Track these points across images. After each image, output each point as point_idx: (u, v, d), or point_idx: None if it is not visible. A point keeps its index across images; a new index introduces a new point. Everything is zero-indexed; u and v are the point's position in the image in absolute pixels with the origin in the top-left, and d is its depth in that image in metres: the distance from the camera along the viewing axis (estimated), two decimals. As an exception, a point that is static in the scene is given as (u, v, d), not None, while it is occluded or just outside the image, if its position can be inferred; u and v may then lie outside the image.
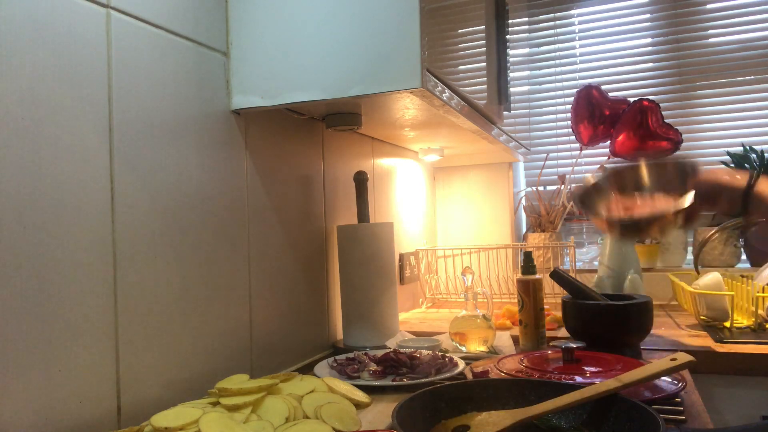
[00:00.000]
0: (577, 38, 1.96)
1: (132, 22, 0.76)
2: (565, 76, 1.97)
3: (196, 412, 0.65)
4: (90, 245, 0.69)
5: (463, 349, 1.13)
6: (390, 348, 1.10)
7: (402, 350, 1.02)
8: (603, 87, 1.74)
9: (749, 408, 1.07)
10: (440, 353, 1.01)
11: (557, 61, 1.97)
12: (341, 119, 1.07)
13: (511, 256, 1.81)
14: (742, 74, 1.78)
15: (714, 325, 1.29)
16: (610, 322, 1.02)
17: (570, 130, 1.80)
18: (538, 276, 1.13)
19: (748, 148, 1.68)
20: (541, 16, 1.99)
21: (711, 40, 1.81)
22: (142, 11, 0.77)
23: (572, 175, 1.84)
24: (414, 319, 1.54)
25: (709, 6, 1.81)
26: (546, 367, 0.87)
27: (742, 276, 1.44)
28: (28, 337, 0.61)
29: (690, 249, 1.77)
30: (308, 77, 0.90)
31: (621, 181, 0.83)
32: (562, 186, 1.81)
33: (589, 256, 1.93)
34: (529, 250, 1.30)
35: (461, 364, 0.95)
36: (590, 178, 0.86)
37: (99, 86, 0.71)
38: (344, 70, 0.88)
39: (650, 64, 1.88)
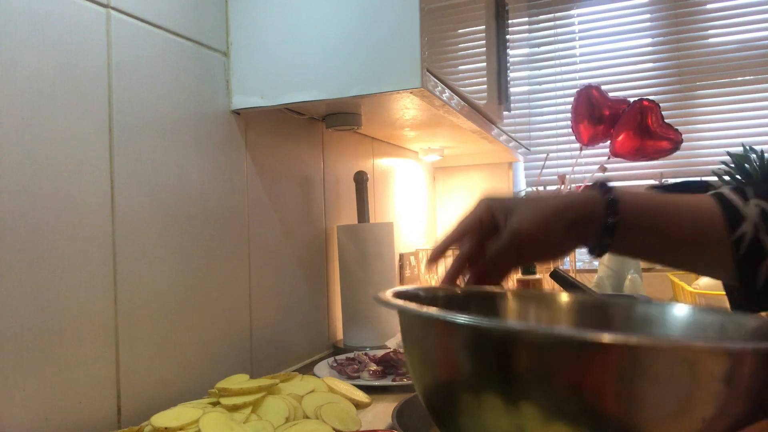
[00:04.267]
0: (577, 38, 1.96)
1: (132, 22, 0.76)
2: (565, 76, 1.96)
3: (196, 412, 0.65)
4: (90, 245, 0.68)
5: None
6: (390, 348, 1.10)
7: (402, 350, 1.02)
8: (603, 87, 1.74)
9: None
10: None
11: (557, 61, 1.97)
12: (341, 119, 1.07)
13: (511, 256, 1.80)
14: (742, 74, 1.78)
15: (714, 325, 1.29)
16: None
17: (570, 130, 1.80)
18: (538, 276, 1.14)
19: (748, 148, 1.67)
20: (541, 17, 1.98)
21: (711, 40, 1.81)
22: (142, 11, 0.77)
23: (572, 175, 1.84)
24: (414, 319, 1.54)
25: (709, 6, 1.81)
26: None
27: (742, 276, 1.44)
28: (28, 337, 0.61)
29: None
30: (308, 77, 0.90)
31: None
32: (562, 186, 1.81)
33: (590, 256, 1.92)
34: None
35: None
36: None
37: (99, 86, 0.71)
38: (344, 70, 0.88)
39: (650, 64, 1.87)
